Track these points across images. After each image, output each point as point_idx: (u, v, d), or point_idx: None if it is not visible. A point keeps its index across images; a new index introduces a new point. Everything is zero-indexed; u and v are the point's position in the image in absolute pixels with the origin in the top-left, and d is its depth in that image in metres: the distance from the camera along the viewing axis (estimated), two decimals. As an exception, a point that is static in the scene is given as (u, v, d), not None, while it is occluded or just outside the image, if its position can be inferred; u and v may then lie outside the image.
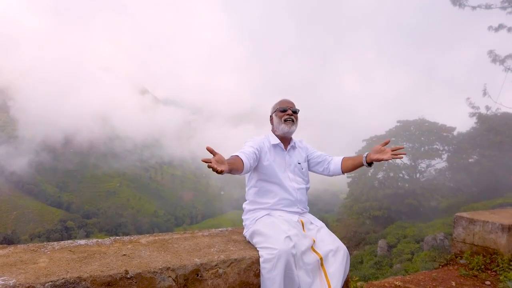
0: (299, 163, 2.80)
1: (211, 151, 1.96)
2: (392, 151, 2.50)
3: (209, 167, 1.89)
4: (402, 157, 2.50)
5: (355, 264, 25.12)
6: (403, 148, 2.56)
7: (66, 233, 78.15)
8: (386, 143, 2.53)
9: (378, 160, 2.51)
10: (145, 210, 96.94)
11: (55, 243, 2.18)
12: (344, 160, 2.81)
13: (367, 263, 25.59)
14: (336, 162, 2.82)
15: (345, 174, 2.88)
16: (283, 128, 2.71)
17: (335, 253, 2.37)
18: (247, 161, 2.36)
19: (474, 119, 29.29)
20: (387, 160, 2.48)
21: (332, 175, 2.91)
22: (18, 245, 2.11)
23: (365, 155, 2.61)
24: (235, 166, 2.20)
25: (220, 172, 1.93)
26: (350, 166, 2.76)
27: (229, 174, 2.19)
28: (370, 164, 2.60)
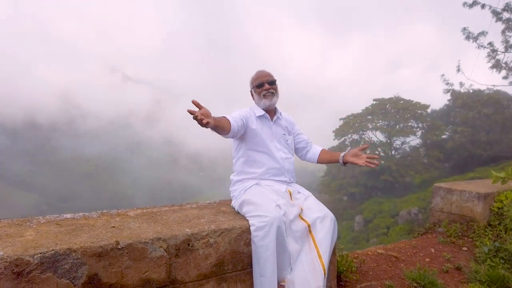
0: (284, 135, 2.82)
1: (196, 104, 1.92)
2: (367, 158, 2.70)
3: (194, 118, 1.85)
4: (375, 166, 2.70)
5: (333, 240, 25.93)
6: (378, 158, 2.79)
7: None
8: (363, 149, 2.76)
9: (353, 163, 2.73)
10: (122, 193, 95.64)
11: (40, 217, 2.12)
12: (322, 152, 3.01)
13: (344, 238, 26.34)
14: (314, 152, 3.02)
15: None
16: (265, 103, 2.72)
17: (322, 220, 2.42)
18: (234, 123, 2.35)
19: (448, 96, 29.90)
20: (360, 165, 2.70)
21: (304, 161, 3.13)
22: (2, 220, 2.05)
23: (342, 154, 2.81)
24: (221, 124, 2.18)
25: (206, 124, 1.88)
26: (326, 160, 2.98)
27: (214, 133, 2.20)
28: (345, 164, 2.81)
